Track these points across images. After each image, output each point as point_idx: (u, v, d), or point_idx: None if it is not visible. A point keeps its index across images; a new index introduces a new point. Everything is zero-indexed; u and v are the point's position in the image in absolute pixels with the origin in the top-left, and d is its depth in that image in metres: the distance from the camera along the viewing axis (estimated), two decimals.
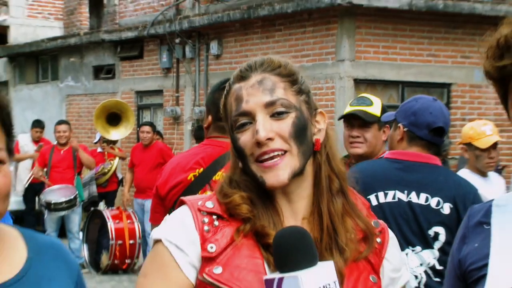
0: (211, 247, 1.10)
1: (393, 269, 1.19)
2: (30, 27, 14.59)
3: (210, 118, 2.42)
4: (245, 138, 1.06)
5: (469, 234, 1.17)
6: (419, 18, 8.59)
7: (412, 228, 2.43)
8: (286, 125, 1.05)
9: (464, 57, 8.90)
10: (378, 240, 1.15)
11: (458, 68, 8.89)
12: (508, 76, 1.02)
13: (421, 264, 2.44)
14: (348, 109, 2.87)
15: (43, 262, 1.19)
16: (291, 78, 1.10)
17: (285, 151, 1.05)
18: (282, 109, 1.07)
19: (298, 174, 1.08)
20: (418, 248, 2.43)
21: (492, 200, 1.16)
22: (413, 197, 2.41)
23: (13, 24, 14.53)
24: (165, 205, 2.41)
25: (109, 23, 12.97)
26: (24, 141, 9.09)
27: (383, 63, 8.62)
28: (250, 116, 1.07)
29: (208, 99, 2.61)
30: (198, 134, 7.42)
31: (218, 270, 1.08)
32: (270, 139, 1.03)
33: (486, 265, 1.08)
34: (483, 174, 3.60)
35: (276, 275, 1.03)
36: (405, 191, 2.43)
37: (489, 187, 3.78)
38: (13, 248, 1.17)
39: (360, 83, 8.42)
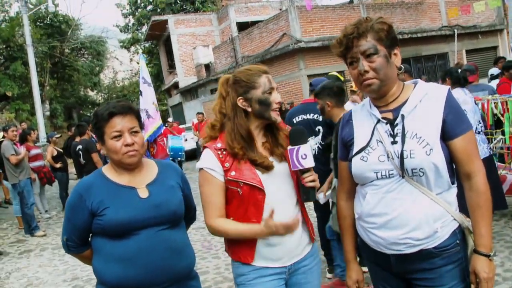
0: (227, 165, 1.89)
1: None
2: (184, 80, 25.24)
3: None
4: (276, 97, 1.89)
5: (344, 126, 1.95)
6: (323, 49, 15.14)
7: (310, 129, 4.00)
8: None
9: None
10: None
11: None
12: (344, 55, 1.79)
13: (315, 143, 4.05)
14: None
15: (165, 172, 2.06)
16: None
17: None
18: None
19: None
20: (313, 137, 4.04)
21: (351, 109, 1.94)
22: (309, 116, 4.10)
23: (180, 80, 25.62)
24: None
25: (212, 72, 22.37)
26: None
27: (316, 68, 15.61)
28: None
29: None
30: None
31: (233, 173, 1.88)
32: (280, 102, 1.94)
33: (353, 138, 1.87)
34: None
35: (295, 147, 1.82)
36: (308, 114, 4.10)
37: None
38: (151, 168, 2.06)
39: (309, 77, 15.40)
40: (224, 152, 1.90)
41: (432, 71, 18.35)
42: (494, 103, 4.98)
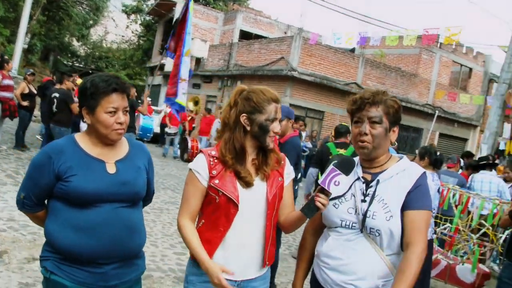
0: (213, 172, 2.00)
1: (287, 172, 2.16)
2: (171, 66, 26.64)
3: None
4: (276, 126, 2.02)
5: None
6: (313, 84, 16.76)
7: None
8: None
9: (332, 104, 18.09)
10: (282, 162, 2.14)
11: (328, 106, 17.97)
12: (352, 113, 2.04)
13: None
14: None
15: (134, 150, 2.12)
16: None
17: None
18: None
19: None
20: None
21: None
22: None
23: (166, 63, 25.27)
24: None
25: (201, 67, 22.77)
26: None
27: (300, 100, 16.94)
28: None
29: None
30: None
31: (216, 181, 1.99)
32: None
33: None
34: None
35: (338, 171, 1.88)
36: None
37: None
38: (123, 145, 2.10)
39: (290, 105, 17.96)
40: (216, 160, 2.01)
41: (403, 141, 19.07)
42: (453, 193, 5.31)
